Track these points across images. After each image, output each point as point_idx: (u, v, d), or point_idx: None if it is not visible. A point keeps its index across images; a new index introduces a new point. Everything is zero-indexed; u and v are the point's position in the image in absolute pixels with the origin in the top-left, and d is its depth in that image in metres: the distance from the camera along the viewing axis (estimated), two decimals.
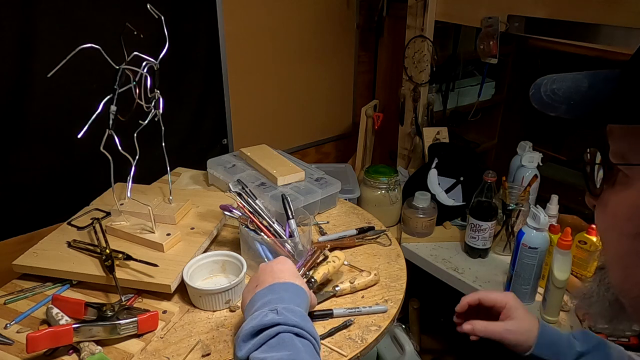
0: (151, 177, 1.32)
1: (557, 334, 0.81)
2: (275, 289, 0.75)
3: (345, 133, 2.19)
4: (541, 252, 1.18)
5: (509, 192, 1.38)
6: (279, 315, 0.68)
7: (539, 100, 0.46)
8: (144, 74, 0.95)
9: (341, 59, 2.04)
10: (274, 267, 0.80)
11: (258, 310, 0.71)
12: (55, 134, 1.31)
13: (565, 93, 0.45)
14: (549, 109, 0.45)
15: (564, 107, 0.44)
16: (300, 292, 0.76)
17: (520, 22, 1.38)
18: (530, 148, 1.52)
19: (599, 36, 1.21)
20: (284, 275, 0.78)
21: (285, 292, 0.74)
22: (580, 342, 0.78)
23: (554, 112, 0.45)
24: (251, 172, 1.28)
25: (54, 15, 1.24)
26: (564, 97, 0.45)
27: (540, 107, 0.46)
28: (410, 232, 1.54)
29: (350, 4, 1.97)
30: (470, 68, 2.07)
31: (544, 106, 0.46)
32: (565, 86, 0.45)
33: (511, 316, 0.81)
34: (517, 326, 0.80)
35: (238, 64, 1.70)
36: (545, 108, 0.45)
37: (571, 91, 0.45)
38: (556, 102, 0.45)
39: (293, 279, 0.78)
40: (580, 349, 0.78)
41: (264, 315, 0.68)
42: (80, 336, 0.79)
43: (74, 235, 1.06)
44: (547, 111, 0.45)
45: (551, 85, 0.46)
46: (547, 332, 0.80)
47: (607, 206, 0.45)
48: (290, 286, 0.76)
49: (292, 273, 0.80)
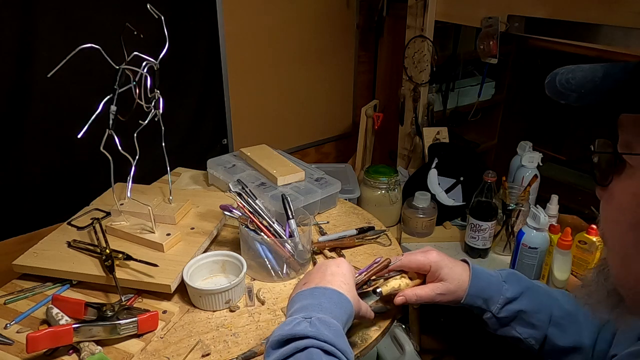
0: (151, 177, 1.32)
1: (487, 280, 0.81)
2: (316, 294, 0.70)
3: (345, 133, 2.19)
4: (541, 252, 1.19)
5: (509, 192, 1.38)
6: (312, 326, 0.64)
7: (553, 88, 0.47)
8: (144, 74, 0.95)
9: (341, 59, 2.04)
10: (327, 269, 0.75)
11: (295, 314, 0.67)
12: (55, 134, 1.31)
13: (579, 82, 0.45)
14: (561, 97, 0.46)
15: (574, 96, 0.45)
16: (343, 302, 0.70)
17: (520, 22, 1.38)
18: (530, 148, 1.52)
19: (599, 36, 1.21)
20: (333, 280, 0.72)
21: (325, 300, 0.69)
22: (509, 286, 0.80)
23: (565, 100, 0.45)
24: (251, 172, 1.28)
25: (54, 15, 1.24)
26: (577, 86, 0.45)
27: (552, 95, 0.46)
28: (410, 232, 1.54)
29: (350, 4, 1.97)
30: (470, 68, 2.07)
31: (556, 94, 0.46)
32: (580, 76, 0.46)
33: (440, 276, 0.81)
34: (446, 288, 0.80)
35: (238, 64, 1.70)
36: (557, 96, 0.46)
37: (585, 80, 0.45)
38: (568, 90, 0.45)
39: (342, 285, 0.72)
40: (509, 295, 0.79)
41: (297, 324, 0.64)
42: (80, 336, 0.79)
43: (74, 235, 1.06)
44: (558, 99, 0.46)
45: (567, 74, 0.47)
46: (477, 283, 0.80)
47: (613, 196, 0.46)
48: (334, 294, 0.70)
49: (344, 279, 0.73)
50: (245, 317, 0.91)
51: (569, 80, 0.46)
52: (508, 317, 0.80)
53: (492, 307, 0.80)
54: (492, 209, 1.36)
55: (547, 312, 0.79)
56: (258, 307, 0.93)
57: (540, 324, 0.79)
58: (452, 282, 0.80)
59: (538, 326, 0.79)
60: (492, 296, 0.80)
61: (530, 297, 0.80)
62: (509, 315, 0.80)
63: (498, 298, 0.80)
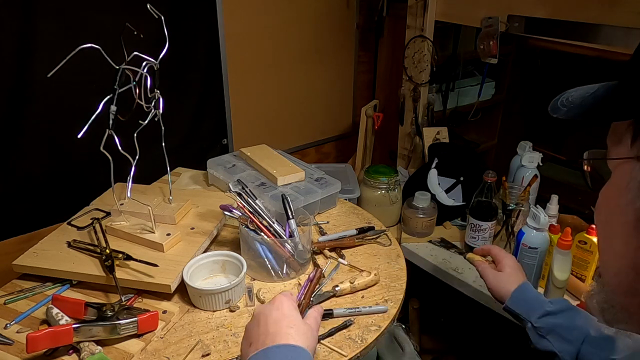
0: (151, 177, 1.32)
1: (533, 294, 0.93)
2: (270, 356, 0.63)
3: (345, 133, 2.19)
4: (541, 252, 1.19)
5: (509, 192, 1.38)
6: None
7: (553, 104, 0.52)
8: (144, 74, 0.95)
9: (341, 59, 2.04)
10: (269, 318, 0.68)
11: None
12: (55, 134, 1.31)
13: (573, 99, 0.50)
14: (555, 112, 0.51)
15: (564, 110, 0.50)
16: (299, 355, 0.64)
17: (520, 22, 1.38)
18: (530, 148, 1.52)
19: (599, 36, 1.21)
20: (280, 330, 0.66)
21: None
22: (552, 304, 0.89)
23: (556, 113, 0.50)
24: (251, 172, 1.28)
25: (54, 15, 1.24)
26: (569, 102, 0.50)
27: (550, 110, 0.52)
28: (410, 232, 1.54)
29: (350, 4, 1.97)
30: (470, 68, 2.07)
31: (553, 109, 0.51)
32: (576, 93, 0.51)
33: (502, 270, 0.98)
34: (500, 278, 0.97)
35: (238, 64, 1.70)
36: (551, 110, 0.51)
37: (577, 97, 0.50)
38: (562, 106, 0.51)
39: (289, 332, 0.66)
40: (548, 309, 0.88)
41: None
42: (80, 336, 0.80)
43: (74, 235, 1.06)
44: (552, 114, 0.51)
45: (571, 92, 0.52)
46: (523, 291, 0.93)
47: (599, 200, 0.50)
48: (289, 350, 0.64)
49: (289, 321, 0.67)
50: (245, 317, 0.91)
51: (568, 98, 0.51)
52: (545, 328, 0.87)
53: (532, 317, 0.89)
54: (492, 209, 1.36)
55: (584, 331, 0.84)
56: None
57: (574, 340, 0.84)
58: (506, 279, 0.96)
59: (573, 342, 0.84)
60: (533, 307, 0.90)
61: (570, 315, 0.87)
62: (546, 327, 0.87)
63: (539, 310, 0.89)
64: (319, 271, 0.90)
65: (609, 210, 0.47)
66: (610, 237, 0.47)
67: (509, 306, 0.93)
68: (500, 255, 1.01)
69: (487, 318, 1.12)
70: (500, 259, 1.00)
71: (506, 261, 0.99)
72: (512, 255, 1.02)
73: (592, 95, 0.49)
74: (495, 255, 1.02)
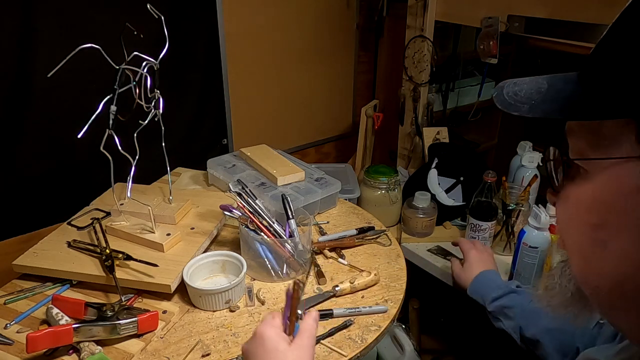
0: (151, 177, 1.32)
1: (487, 281, 1.11)
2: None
3: (345, 133, 2.19)
4: (542, 252, 1.18)
5: (509, 192, 1.38)
6: None
7: (502, 101, 0.48)
8: (144, 74, 0.95)
9: (341, 59, 2.04)
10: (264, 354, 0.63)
11: None
12: (55, 134, 1.31)
13: (527, 94, 0.48)
14: (512, 109, 0.47)
15: (526, 107, 0.46)
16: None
17: (520, 22, 1.38)
18: (530, 148, 1.51)
19: (599, 36, 1.20)
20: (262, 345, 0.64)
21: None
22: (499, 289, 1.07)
23: (517, 111, 0.47)
24: (251, 172, 1.28)
25: (54, 15, 1.24)
26: (526, 97, 0.47)
27: (503, 107, 0.48)
28: (410, 232, 1.54)
29: (350, 4, 1.97)
30: (470, 68, 2.07)
31: (507, 106, 0.48)
32: (526, 88, 0.48)
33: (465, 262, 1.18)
34: (461, 271, 1.18)
35: (238, 64, 1.70)
36: (508, 108, 0.48)
37: (532, 92, 0.47)
38: (518, 102, 0.47)
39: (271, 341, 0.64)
40: (494, 295, 1.06)
41: None
42: (80, 336, 0.80)
43: (74, 235, 1.06)
44: (510, 111, 0.47)
45: (513, 87, 0.49)
46: (481, 280, 1.12)
47: (568, 199, 0.47)
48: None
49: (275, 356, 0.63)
50: (245, 317, 0.91)
51: (516, 93, 0.48)
52: (495, 311, 1.05)
53: (487, 303, 1.07)
54: (492, 209, 1.36)
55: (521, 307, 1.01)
56: (258, 307, 0.93)
57: (514, 316, 1.01)
58: (467, 272, 1.16)
59: (513, 318, 1.02)
60: (488, 293, 1.08)
61: (513, 297, 1.05)
62: (496, 310, 1.05)
63: (489, 296, 1.07)
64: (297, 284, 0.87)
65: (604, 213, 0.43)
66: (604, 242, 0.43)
67: (469, 294, 1.12)
68: (464, 248, 1.20)
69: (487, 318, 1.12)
70: (463, 252, 1.20)
71: (468, 255, 1.18)
72: (479, 247, 1.21)
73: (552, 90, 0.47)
74: (460, 248, 1.22)
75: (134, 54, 0.93)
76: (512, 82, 0.50)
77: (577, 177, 0.46)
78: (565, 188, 0.48)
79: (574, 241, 0.47)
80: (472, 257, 1.18)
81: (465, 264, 1.18)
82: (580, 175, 0.46)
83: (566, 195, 0.48)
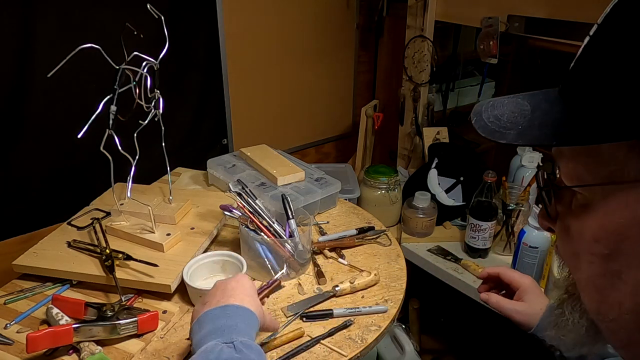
0: (151, 177, 1.32)
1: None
2: (229, 312, 0.68)
3: (345, 133, 2.19)
4: (542, 252, 1.19)
5: (509, 192, 1.38)
6: (237, 352, 0.62)
7: (484, 127, 0.43)
8: (144, 74, 0.95)
9: (341, 59, 2.04)
10: (227, 285, 0.73)
11: (209, 336, 0.65)
12: (55, 134, 1.31)
13: (510, 118, 0.43)
14: (498, 137, 0.42)
15: (513, 133, 0.41)
16: (253, 319, 0.70)
17: (520, 22, 1.38)
18: (530, 148, 1.52)
19: None
20: (235, 295, 0.71)
21: (240, 320, 0.68)
22: None
23: (504, 139, 0.41)
24: (251, 172, 1.28)
25: (54, 15, 1.24)
26: (510, 122, 0.42)
27: (487, 135, 0.42)
28: (410, 232, 1.54)
29: (350, 4, 1.97)
30: (470, 68, 2.07)
31: (490, 133, 0.42)
32: (508, 111, 0.43)
33: (523, 298, 0.83)
34: (525, 308, 0.82)
35: (238, 64, 1.70)
36: (492, 135, 0.42)
37: (516, 116, 0.42)
38: (503, 128, 0.42)
39: (244, 299, 0.71)
40: None
41: (220, 351, 0.62)
42: (80, 336, 0.79)
43: (74, 235, 1.06)
44: (496, 139, 0.42)
45: (492, 111, 0.44)
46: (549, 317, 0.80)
47: (568, 231, 0.43)
48: (245, 312, 0.69)
49: (246, 291, 0.73)
50: None
51: (498, 117, 0.43)
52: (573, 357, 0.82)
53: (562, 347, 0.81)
54: (492, 209, 1.36)
55: None
56: None
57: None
58: (532, 307, 0.82)
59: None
60: None
61: None
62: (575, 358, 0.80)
63: None
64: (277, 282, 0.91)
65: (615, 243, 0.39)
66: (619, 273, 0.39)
67: (535, 333, 0.81)
68: (512, 276, 0.86)
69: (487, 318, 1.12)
70: (515, 281, 0.85)
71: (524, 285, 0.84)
72: (527, 275, 0.87)
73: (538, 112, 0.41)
74: (506, 277, 0.86)
75: (134, 54, 0.93)
76: (489, 104, 0.45)
77: (574, 204, 0.42)
78: (563, 216, 0.44)
79: (584, 274, 0.43)
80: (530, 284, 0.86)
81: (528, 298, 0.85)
82: (578, 202, 0.42)
83: (565, 226, 0.44)
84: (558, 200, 0.45)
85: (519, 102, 0.43)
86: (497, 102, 0.45)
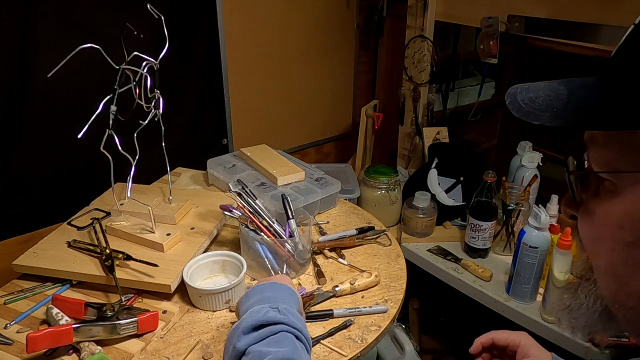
0: (151, 177, 1.32)
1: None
2: (276, 288, 0.76)
3: (345, 133, 2.19)
4: (542, 252, 1.18)
5: (509, 192, 1.38)
6: (282, 314, 0.68)
7: (519, 109, 0.44)
8: (144, 74, 0.95)
9: (341, 59, 2.04)
10: (272, 277, 0.83)
11: (256, 304, 0.71)
12: (55, 134, 1.31)
13: (545, 101, 0.43)
14: (532, 118, 0.43)
15: (547, 115, 0.42)
16: (296, 298, 0.77)
17: (520, 22, 1.38)
18: (530, 148, 1.51)
19: (599, 36, 1.20)
20: (281, 280, 0.80)
21: (286, 295, 0.75)
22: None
23: (538, 120, 0.42)
24: (251, 172, 1.28)
25: (54, 15, 1.24)
26: (545, 105, 0.43)
27: (521, 115, 0.43)
28: (410, 232, 1.54)
29: (350, 4, 1.97)
30: (470, 68, 2.07)
31: (525, 115, 0.43)
32: (543, 94, 0.44)
33: (527, 354, 0.78)
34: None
35: (238, 63, 1.70)
36: (527, 117, 0.43)
37: (551, 99, 0.43)
38: (538, 110, 0.43)
39: (290, 284, 0.80)
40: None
41: (266, 312, 0.68)
42: (80, 336, 0.79)
43: (74, 235, 1.06)
44: (529, 120, 0.43)
45: (527, 93, 0.45)
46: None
47: (593, 215, 0.44)
48: (289, 290, 0.77)
49: (289, 281, 0.82)
50: None
51: (532, 99, 0.44)
52: None
53: None
54: (492, 209, 1.36)
55: None
56: None
57: None
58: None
59: None
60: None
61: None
62: None
63: None
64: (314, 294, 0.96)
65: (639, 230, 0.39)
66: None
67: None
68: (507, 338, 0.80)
69: (487, 318, 1.12)
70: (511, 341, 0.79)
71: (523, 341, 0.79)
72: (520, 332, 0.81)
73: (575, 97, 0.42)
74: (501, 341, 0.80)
75: (134, 54, 0.93)
76: (524, 87, 0.46)
77: (601, 190, 0.43)
78: (587, 202, 0.45)
79: (604, 260, 0.44)
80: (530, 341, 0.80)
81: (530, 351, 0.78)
82: (605, 189, 0.42)
83: (590, 210, 0.44)
84: (584, 187, 0.45)
85: (555, 87, 0.44)
86: (532, 85, 0.46)
